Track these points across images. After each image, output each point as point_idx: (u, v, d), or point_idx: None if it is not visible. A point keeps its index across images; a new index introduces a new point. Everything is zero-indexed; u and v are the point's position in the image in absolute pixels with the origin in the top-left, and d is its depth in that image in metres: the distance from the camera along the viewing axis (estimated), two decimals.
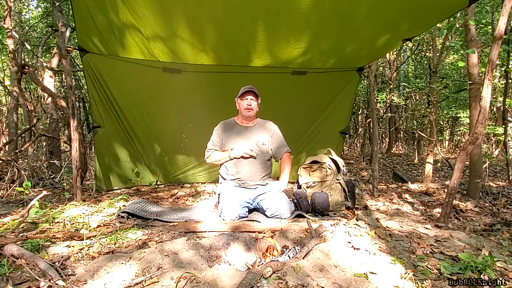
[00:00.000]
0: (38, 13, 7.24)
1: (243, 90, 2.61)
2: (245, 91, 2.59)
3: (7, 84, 7.03)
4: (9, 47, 4.22)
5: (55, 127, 5.09)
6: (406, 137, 11.08)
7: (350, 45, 3.22)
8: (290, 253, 1.77)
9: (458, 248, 1.89)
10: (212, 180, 4.29)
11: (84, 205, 2.84)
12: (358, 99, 9.22)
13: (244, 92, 2.60)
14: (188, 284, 1.41)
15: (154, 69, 3.46)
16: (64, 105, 3.81)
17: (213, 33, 2.82)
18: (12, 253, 1.61)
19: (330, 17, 2.63)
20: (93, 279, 1.47)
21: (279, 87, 3.83)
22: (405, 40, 3.04)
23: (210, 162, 2.73)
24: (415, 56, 9.34)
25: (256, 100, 2.63)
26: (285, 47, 3.11)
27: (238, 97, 2.66)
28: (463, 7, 2.52)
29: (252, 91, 2.59)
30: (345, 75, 3.96)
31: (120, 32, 2.83)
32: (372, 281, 1.48)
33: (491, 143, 7.48)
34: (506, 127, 4.52)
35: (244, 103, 2.59)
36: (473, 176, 3.30)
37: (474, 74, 3.21)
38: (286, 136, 2.83)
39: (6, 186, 3.54)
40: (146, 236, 2.06)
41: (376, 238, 2.06)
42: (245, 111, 2.60)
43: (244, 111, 2.60)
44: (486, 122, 2.32)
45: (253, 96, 2.60)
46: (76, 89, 8.92)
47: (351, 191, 2.75)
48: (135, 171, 3.90)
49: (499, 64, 5.77)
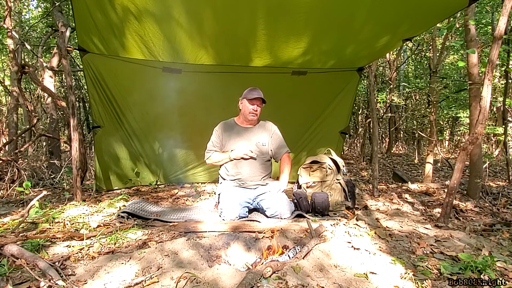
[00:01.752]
0: (38, 13, 7.24)
1: (252, 94, 2.58)
2: (255, 97, 2.57)
3: (7, 84, 7.03)
4: (9, 47, 4.22)
5: (55, 127, 5.09)
6: (406, 137, 11.08)
7: (350, 46, 3.22)
8: (290, 253, 1.77)
9: (458, 248, 1.89)
10: (212, 180, 4.29)
11: (84, 205, 2.84)
12: (358, 99, 9.21)
13: (253, 98, 2.58)
14: (188, 284, 1.41)
15: (154, 69, 3.46)
16: (64, 105, 3.81)
17: (212, 26, 2.78)
18: (12, 253, 1.61)
19: (330, 18, 2.63)
20: (93, 279, 1.47)
21: (279, 87, 3.83)
22: (405, 40, 3.04)
23: (210, 163, 2.74)
24: (415, 56, 9.34)
25: (262, 105, 2.65)
26: (285, 46, 3.11)
27: (243, 98, 2.63)
28: (463, 7, 2.52)
29: (261, 98, 2.59)
30: (345, 75, 3.96)
31: (120, 32, 2.83)
32: (372, 281, 1.49)
33: (491, 143, 7.48)
34: (506, 127, 4.52)
35: (250, 107, 2.59)
36: (473, 176, 3.30)
37: (474, 74, 3.21)
38: (286, 136, 2.83)
39: (6, 186, 3.54)
40: (146, 236, 2.06)
41: (376, 238, 2.06)
42: (249, 115, 2.61)
43: (249, 114, 2.61)
44: (486, 122, 2.32)
45: (260, 102, 2.61)
46: (76, 89, 8.92)
47: (351, 191, 2.75)
48: (135, 171, 3.90)
49: (499, 64, 5.77)
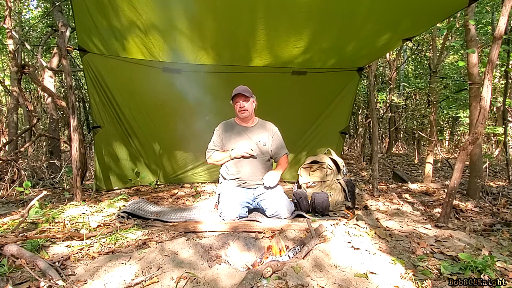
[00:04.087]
0: (38, 13, 7.23)
1: (233, 93, 2.59)
2: (234, 95, 2.58)
3: (7, 84, 7.03)
4: (9, 47, 4.22)
5: (55, 127, 5.09)
6: (406, 137, 11.08)
7: (350, 44, 3.21)
8: (290, 253, 1.77)
9: (458, 248, 1.89)
10: (212, 180, 4.29)
11: (84, 205, 2.84)
12: (358, 99, 9.21)
13: (234, 96, 2.59)
14: (188, 284, 1.41)
15: (154, 69, 3.46)
16: (64, 105, 3.82)
17: (212, 28, 2.79)
18: (12, 253, 1.61)
19: (331, 15, 2.62)
20: (93, 279, 1.47)
21: (279, 87, 3.83)
22: (405, 40, 3.04)
23: (211, 162, 2.74)
24: (415, 56, 9.33)
25: (247, 99, 2.59)
26: (285, 45, 3.10)
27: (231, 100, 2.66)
28: (463, 7, 2.52)
29: (240, 94, 2.55)
30: (345, 75, 3.96)
31: (120, 32, 2.83)
32: (372, 281, 1.48)
33: (491, 143, 7.49)
34: (506, 127, 4.52)
35: (236, 106, 2.61)
36: (473, 176, 3.30)
37: (474, 74, 3.21)
38: (286, 136, 2.83)
39: (6, 186, 3.54)
40: (146, 236, 2.06)
41: (376, 238, 2.06)
42: (239, 113, 2.62)
43: (239, 113, 2.62)
44: (486, 122, 2.32)
45: (242, 98, 2.57)
46: (76, 89, 8.92)
47: (351, 191, 2.75)
48: (135, 171, 3.91)
49: (499, 64, 5.76)
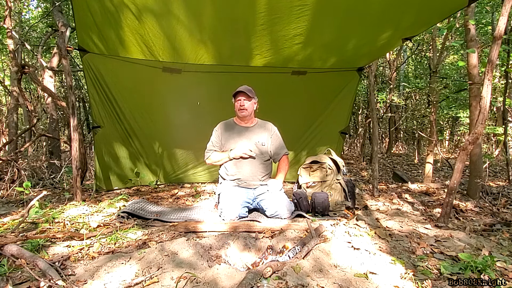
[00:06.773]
0: (38, 13, 7.23)
1: (236, 90, 2.61)
2: (236, 92, 2.60)
3: (7, 84, 7.03)
4: (9, 47, 4.22)
5: (55, 127, 5.08)
6: (406, 137, 11.08)
7: (350, 41, 3.18)
8: (290, 253, 1.77)
9: (458, 248, 1.89)
10: (212, 180, 4.29)
11: (84, 205, 2.84)
12: (358, 99, 9.21)
13: (235, 94, 2.61)
14: (188, 284, 1.41)
15: (154, 69, 3.46)
16: (64, 105, 3.82)
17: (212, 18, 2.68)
18: (12, 253, 1.61)
19: (331, 9, 2.58)
20: (93, 279, 1.47)
21: (279, 87, 3.83)
22: (405, 39, 3.04)
23: (210, 163, 2.74)
24: (415, 56, 9.33)
25: (249, 99, 2.60)
26: (284, 41, 3.03)
27: (232, 98, 2.67)
28: (463, 6, 2.52)
29: (243, 92, 2.57)
30: (345, 75, 3.95)
31: (120, 31, 2.82)
32: (372, 281, 1.49)
33: (491, 143, 7.48)
34: (506, 127, 4.52)
35: (237, 104, 2.61)
36: (473, 176, 3.30)
37: (474, 74, 3.21)
38: (286, 136, 2.83)
39: (6, 186, 3.54)
40: (146, 236, 2.06)
41: (376, 238, 2.06)
42: (239, 111, 2.62)
43: (239, 111, 2.62)
44: (486, 122, 2.32)
45: (244, 96, 2.58)
46: (76, 89, 8.92)
47: (351, 191, 2.75)
48: (135, 171, 3.90)
49: (499, 64, 5.75)
